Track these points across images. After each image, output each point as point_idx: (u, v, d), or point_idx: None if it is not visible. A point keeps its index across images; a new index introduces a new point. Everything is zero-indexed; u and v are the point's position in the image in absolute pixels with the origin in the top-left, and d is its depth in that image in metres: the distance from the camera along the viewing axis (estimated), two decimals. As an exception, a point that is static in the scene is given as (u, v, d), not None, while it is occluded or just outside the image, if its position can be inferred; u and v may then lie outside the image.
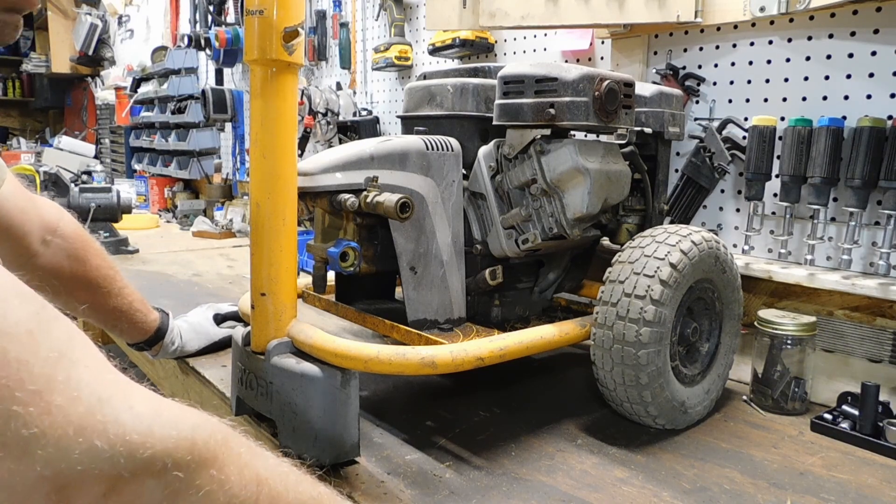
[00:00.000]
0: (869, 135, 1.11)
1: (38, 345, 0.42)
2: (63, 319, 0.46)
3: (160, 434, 0.45)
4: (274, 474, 0.55)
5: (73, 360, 0.44)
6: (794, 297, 1.25)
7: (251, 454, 0.53)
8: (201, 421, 0.50)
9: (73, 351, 0.44)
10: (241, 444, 0.53)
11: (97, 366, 0.46)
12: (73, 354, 0.44)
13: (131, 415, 0.45)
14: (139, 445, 0.44)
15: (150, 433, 0.45)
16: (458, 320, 1.07)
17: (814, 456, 0.98)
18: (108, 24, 5.08)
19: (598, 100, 0.98)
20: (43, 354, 0.42)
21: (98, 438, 0.42)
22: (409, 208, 0.92)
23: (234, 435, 0.53)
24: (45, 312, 0.44)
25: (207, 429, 0.50)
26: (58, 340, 0.44)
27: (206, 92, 2.99)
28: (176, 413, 0.48)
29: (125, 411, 0.45)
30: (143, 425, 0.45)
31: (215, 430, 0.51)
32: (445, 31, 1.88)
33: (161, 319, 1.21)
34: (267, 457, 0.56)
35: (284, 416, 0.90)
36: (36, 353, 0.42)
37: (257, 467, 0.53)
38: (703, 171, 1.40)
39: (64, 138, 4.47)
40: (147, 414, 0.46)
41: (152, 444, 0.45)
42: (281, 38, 0.83)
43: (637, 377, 0.95)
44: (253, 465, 0.53)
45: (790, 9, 1.21)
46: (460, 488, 0.86)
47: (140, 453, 0.44)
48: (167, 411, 0.48)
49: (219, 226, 2.98)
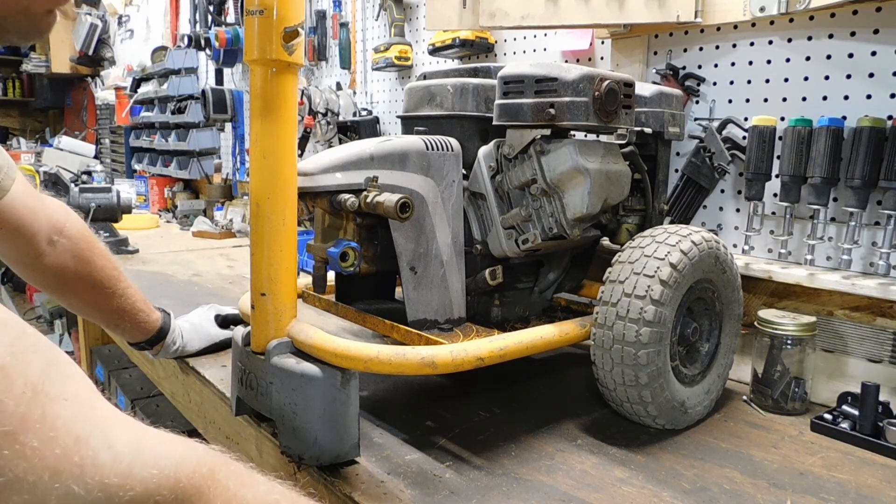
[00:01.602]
0: (869, 135, 1.11)
1: (12, 382, 0.40)
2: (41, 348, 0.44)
3: (140, 475, 0.44)
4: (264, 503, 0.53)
5: (50, 396, 0.42)
6: (794, 297, 1.25)
7: (239, 484, 0.51)
8: (186, 453, 0.48)
9: (50, 385, 0.42)
10: (229, 475, 0.51)
11: (76, 399, 0.44)
12: (49, 389, 0.42)
13: (110, 454, 0.43)
14: (118, 488, 0.43)
15: (129, 474, 0.43)
16: (458, 320, 1.07)
17: (814, 456, 0.98)
18: (108, 24, 5.08)
19: (598, 100, 0.98)
20: (17, 392, 0.40)
21: (75, 483, 0.41)
22: (409, 208, 0.92)
23: (221, 464, 0.51)
24: (21, 343, 0.42)
25: (192, 462, 0.48)
26: (34, 375, 0.42)
27: (206, 92, 2.99)
28: (158, 448, 0.47)
29: (104, 451, 0.43)
30: (123, 465, 0.43)
31: (201, 462, 0.49)
32: (445, 31, 1.88)
33: (163, 319, 1.21)
34: (257, 484, 0.54)
35: (284, 416, 0.90)
36: (9, 391, 0.40)
37: (246, 498, 0.51)
38: (703, 171, 1.40)
39: (64, 138, 4.48)
40: (127, 452, 0.44)
41: (132, 486, 0.43)
42: (281, 38, 0.83)
43: (637, 377, 0.95)
44: (241, 496, 0.51)
45: (790, 9, 1.21)
46: (460, 488, 0.86)
47: (120, 496, 0.43)
48: (149, 447, 0.46)
49: (219, 226, 2.98)
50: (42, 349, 0.44)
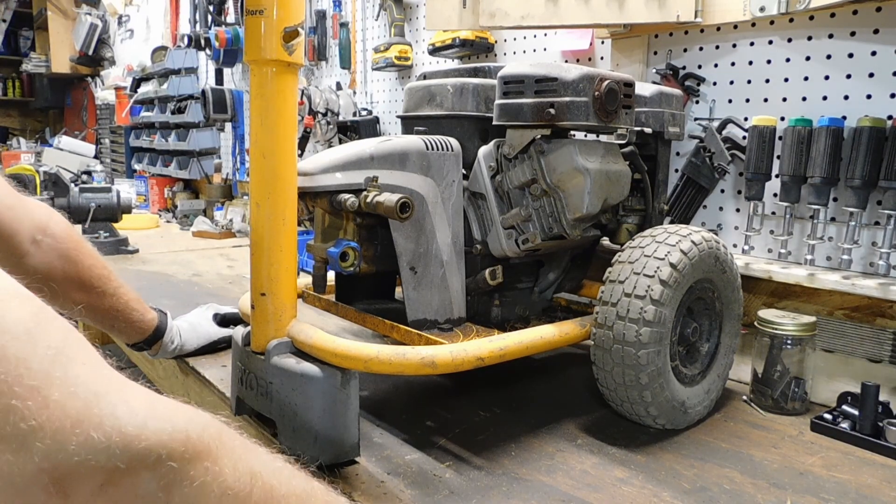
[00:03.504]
0: (869, 135, 1.11)
1: (36, 343, 0.43)
2: (60, 320, 0.47)
3: (154, 427, 0.46)
4: (268, 469, 0.55)
5: (70, 358, 0.45)
6: (794, 297, 1.25)
7: (245, 449, 0.54)
8: (195, 416, 0.51)
9: (70, 349, 0.46)
10: (235, 439, 0.54)
11: (93, 363, 0.47)
12: (69, 352, 0.45)
13: (127, 409, 0.46)
14: (134, 438, 0.45)
15: (144, 426, 0.46)
16: (458, 320, 1.07)
17: (814, 456, 0.98)
18: (108, 24, 5.08)
19: (598, 100, 0.98)
20: (41, 352, 0.43)
21: (94, 430, 0.44)
22: (409, 208, 0.92)
23: (227, 430, 0.54)
24: (43, 313, 0.46)
25: (201, 423, 0.51)
26: (55, 339, 0.45)
27: (206, 92, 2.99)
28: (170, 408, 0.49)
29: (121, 405, 0.46)
30: (139, 419, 0.46)
31: (209, 424, 0.51)
32: (445, 31, 1.88)
33: (159, 319, 1.21)
34: (260, 452, 0.57)
35: (284, 416, 0.90)
36: (34, 351, 0.43)
37: (251, 461, 0.54)
38: (703, 171, 1.40)
39: (64, 138, 4.48)
40: (142, 408, 0.47)
41: (147, 437, 0.46)
42: (281, 38, 0.83)
43: (637, 377, 0.95)
44: (247, 458, 0.53)
45: (790, 9, 1.21)
46: (460, 488, 0.86)
47: (135, 445, 0.45)
48: (162, 406, 0.49)
49: (219, 226, 2.98)
50: (60, 320, 0.48)
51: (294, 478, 0.58)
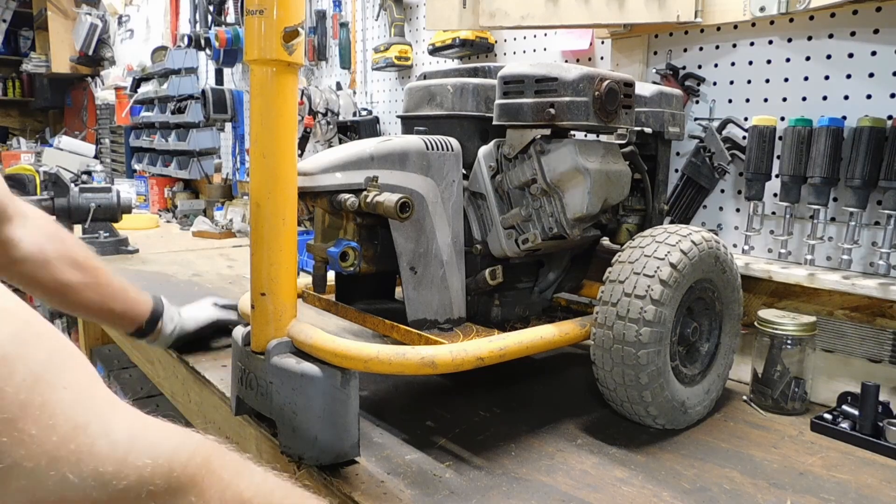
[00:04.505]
0: (869, 135, 1.11)
1: (14, 370, 0.41)
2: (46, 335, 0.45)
3: (135, 463, 0.45)
4: (258, 493, 0.53)
5: (51, 384, 0.43)
6: (794, 297, 1.25)
7: (234, 474, 0.52)
8: (182, 443, 0.49)
9: (52, 372, 0.43)
10: (224, 465, 0.52)
11: (78, 385, 0.45)
12: (51, 376, 0.43)
13: (107, 443, 0.44)
14: (113, 476, 0.43)
15: (124, 462, 0.44)
16: (458, 320, 1.07)
17: (814, 456, 0.98)
18: (108, 24, 5.08)
19: (598, 100, 0.98)
20: (18, 379, 0.41)
21: (71, 470, 0.42)
22: (409, 208, 0.92)
23: (217, 454, 0.52)
24: (25, 332, 0.43)
25: (188, 450, 0.49)
26: (36, 362, 0.43)
27: (206, 92, 2.99)
28: (154, 436, 0.47)
29: (100, 439, 0.44)
30: (118, 454, 0.44)
31: (196, 451, 0.49)
32: (445, 31, 1.88)
33: (154, 303, 1.18)
34: (253, 473, 0.55)
35: (284, 416, 0.90)
36: (10, 379, 0.41)
37: (241, 488, 0.52)
38: (703, 171, 1.40)
39: (64, 138, 4.47)
40: (123, 441, 0.45)
41: (126, 475, 0.44)
42: (281, 37, 0.83)
43: (637, 377, 0.95)
44: (236, 486, 0.51)
45: (790, 9, 1.21)
46: (460, 488, 0.86)
47: (114, 485, 0.43)
48: (145, 436, 0.47)
49: (219, 226, 2.98)
50: (46, 338, 0.45)
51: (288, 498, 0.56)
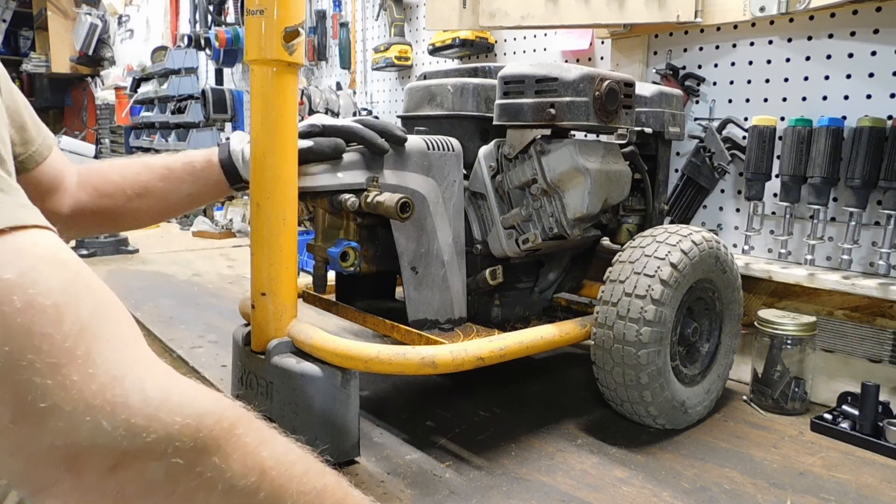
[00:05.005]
0: (869, 135, 1.11)
1: (63, 318, 0.44)
2: (96, 288, 0.48)
3: (165, 419, 0.47)
4: (280, 465, 0.54)
5: (95, 334, 0.46)
6: (794, 297, 1.25)
7: (258, 442, 0.53)
8: (212, 404, 0.51)
9: (97, 324, 0.46)
10: (249, 432, 0.53)
11: (119, 340, 0.47)
12: (95, 328, 0.46)
13: (141, 397, 0.46)
14: (142, 429, 0.45)
15: (154, 417, 0.46)
16: (459, 320, 1.07)
17: (814, 456, 0.98)
18: (108, 24, 5.08)
19: (598, 100, 0.98)
20: (66, 328, 0.44)
21: (105, 418, 0.44)
22: (409, 208, 0.92)
23: (243, 420, 0.53)
24: (77, 281, 0.46)
25: (216, 414, 0.50)
26: (84, 312, 0.46)
27: (206, 92, 3.00)
28: (186, 397, 0.49)
29: (135, 392, 0.46)
30: (150, 409, 0.46)
31: (224, 416, 0.51)
32: (445, 31, 1.88)
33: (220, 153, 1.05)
34: (276, 444, 0.56)
35: (284, 416, 0.90)
36: (59, 327, 0.44)
37: (262, 457, 0.53)
38: (703, 171, 1.40)
39: (64, 138, 4.46)
40: (156, 397, 0.47)
41: (155, 429, 0.46)
42: (281, 37, 0.83)
43: (637, 377, 0.95)
44: (258, 454, 0.53)
45: (790, 9, 1.21)
46: (460, 488, 0.86)
47: (143, 437, 0.45)
48: (177, 395, 0.49)
49: (219, 226, 2.98)
50: (95, 290, 0.48)
51: (307, 473, 0.57)
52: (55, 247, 0.47)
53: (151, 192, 1.04)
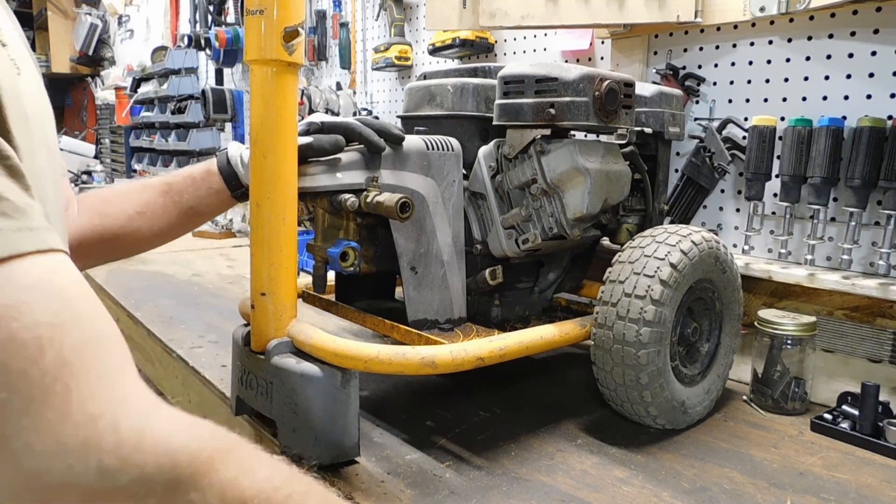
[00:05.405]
0: (869, 135, 1.11)
1: (43, 353, 0.43)
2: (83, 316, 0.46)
3: (137, 460, 0.46)
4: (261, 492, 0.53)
5: (76, 371, 0.44)
6: (794, 297, 1.25)
7: (239, 472, 0.52)
8: (187, 441, 0.49)
9: (80, 357, 0.45)
10: (229, 463, 0.52)
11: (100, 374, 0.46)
12: (78, 362, 0.45)
13: (114, 439, 0.45)
14: (116, 470, 0.45)
15: (128, 459, 0.45)
16: (459, 320, 1.07)
17: (814, 456, 0.98)
18: (108, 24, 5.09)
19: (598, 100, 0.98)
20: (45, 363, 0.43)
21: (76, 461, 0.44)
22: (409, 208, 0.92)
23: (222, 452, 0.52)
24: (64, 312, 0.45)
25: (191, 450, 0.49)
26: (66, 345, 0.44)
27: (206, 92, 3.00)
28: (161, 434, 0.48)
29: (109, 433, 0.45)
30: (124, 450, 0.45)
31: (202, 449, 0.50)
32: (445, 31, 1.88)
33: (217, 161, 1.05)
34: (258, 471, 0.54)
35: (284, 416, 0.90)
36: (38, 362, 0.43)
37: (243, 487, 0.52)
38: (703, 171, 1.40)
39: (64, 138, 4.48)
40: (130, 438, 0.46)
41: (128, 471, 0.45)
42: (281, 37, 0.83)
43: (637, 377, 0.95)
44: (237, 485, 0.51)
45: (790, 9, 1.21)
46: (460, 488, 0.86)
47: (115, 478, 0.45)
48: (152, 433, 0.48)
49: (219, 226, 2.98)
50: (85, 319, 0.47)
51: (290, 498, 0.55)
52: (52, 273, 0.46)
53: (152, 209, 1.04)
